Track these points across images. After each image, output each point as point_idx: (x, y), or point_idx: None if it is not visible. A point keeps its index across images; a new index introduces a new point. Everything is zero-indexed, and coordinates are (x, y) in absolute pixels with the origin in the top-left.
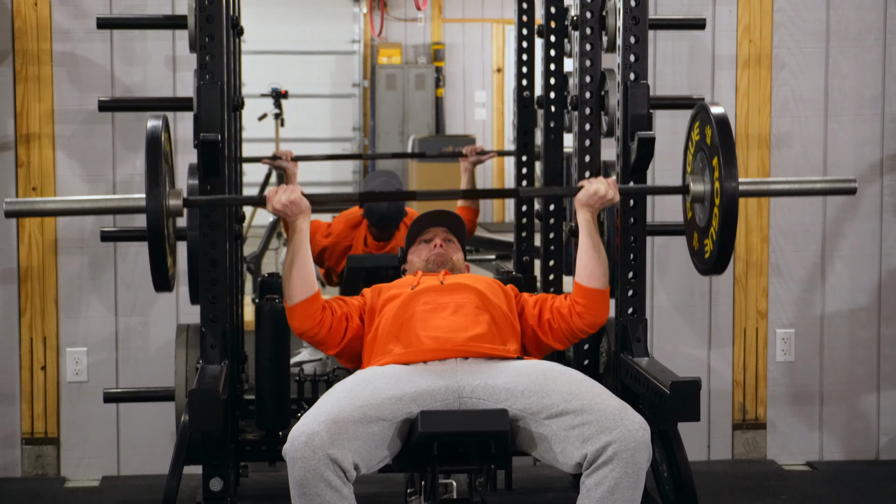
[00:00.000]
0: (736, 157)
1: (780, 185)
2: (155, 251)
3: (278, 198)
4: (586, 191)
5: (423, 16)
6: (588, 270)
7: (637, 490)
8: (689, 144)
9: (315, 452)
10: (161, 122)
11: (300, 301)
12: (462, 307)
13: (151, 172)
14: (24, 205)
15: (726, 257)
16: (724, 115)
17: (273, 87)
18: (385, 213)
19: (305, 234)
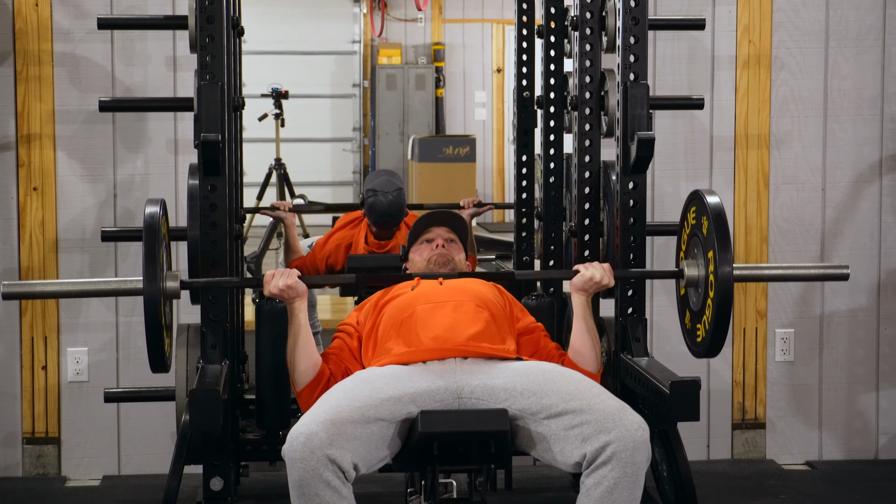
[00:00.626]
0: (731, 247)
1: (773, 272)
2: (152, 335)
3: (275, 282)
4: (581, 276)
5: (423, 16)
6: (581, 356)
7: (636, 490)
8: (685, 226)
9: (314, 453)
10: (160, 208)
11: (307, 384)
12: (462, 305)
13: (149, 257)
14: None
15: (720, 343)
16: (720, 205)
17: (273, 87)
18: (386, 211)
19: (303, 318)
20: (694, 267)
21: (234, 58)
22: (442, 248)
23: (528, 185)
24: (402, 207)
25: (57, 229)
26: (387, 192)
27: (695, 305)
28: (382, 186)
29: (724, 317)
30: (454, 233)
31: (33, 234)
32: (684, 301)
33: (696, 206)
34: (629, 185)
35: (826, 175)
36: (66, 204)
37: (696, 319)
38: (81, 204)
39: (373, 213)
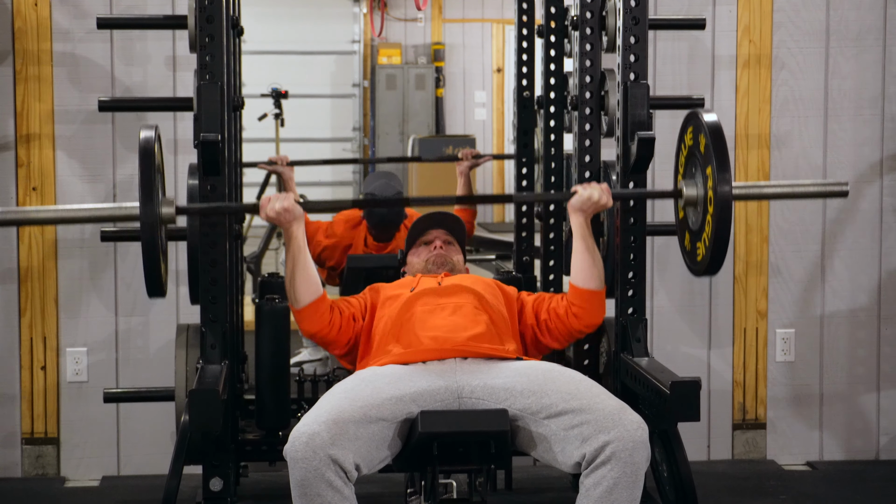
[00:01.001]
0: (730, 163)
1: (772, 189)
2: (149, 258)
3: (271, 206)
4: (579, 196)
5: (423, 16)
6: (584, 273)
7: (636, 490)
8: (682, 147)
9: (316, 453)
10: (153, 132)
11: (307, 304)
12: (461, 307)
13: (145, 183)
14: (17, 213)
15: (719, 261)
16: (717, 123)
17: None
18: (385, 215)
19: (302, 240)
20: (692, 186)
21: (233, 57)
22: (440, 251)
23: (528, 185)
24: (401, 211)
25: (56, 229)
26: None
27: (694, 225)
28: (381, 190)
29: (724, 233)
30: (452, 235)
31: (32, 234)
32: (683, 223)
33: (693, 126)
34: (629, 185)
35: (826, 175)
36: (66, 204)
37: (695, 239)
38: (81, 204)
39: (372, 217)
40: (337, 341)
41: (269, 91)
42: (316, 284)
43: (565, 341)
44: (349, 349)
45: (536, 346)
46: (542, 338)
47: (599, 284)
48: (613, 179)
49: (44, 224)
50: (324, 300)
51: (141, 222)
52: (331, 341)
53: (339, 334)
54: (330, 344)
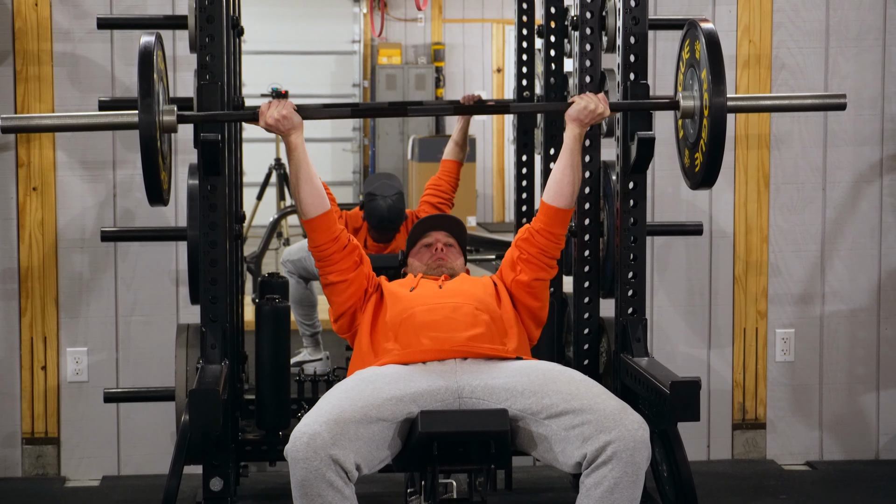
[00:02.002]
0: (724, 72)
1: (769, 101)
2: (148, 164)
3: (270, 113)
4: (576, 105)
5: (423, 16)
6: (559, 188)
7: (636, 490)
8: (680, 63)
9: (317, 453)
10: (154, 38)
11: (315, 216)
12: (460, 307)
13: (144, 86)
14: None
15: (715, 170)
16: (713, 31)
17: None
18: (385, 216)
19: (302, 149)
20: (689, 98)
21: (233, 58)
22: (441, 253)
23: (527, 185)
24: (402, 211)
25: (56, 229)
26: (386, 197)
27: (691, 137)
28: (381, 190)
29: (719, 139)
30: (453, 237)
31: (33, 234)
32: (683, 141)
33: (689, 38)
34: (629, 185)
35: (826, 175)
36: (66, 204)
37: (693, 151)
38: (81, 204)
39: (372, 218)
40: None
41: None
42: (322, 198)
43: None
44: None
45: (532, 293)
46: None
47: (570, 203)
48: (613, 179)
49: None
50: (331, 214)
51: (139, 126)
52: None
53: (343, 253)
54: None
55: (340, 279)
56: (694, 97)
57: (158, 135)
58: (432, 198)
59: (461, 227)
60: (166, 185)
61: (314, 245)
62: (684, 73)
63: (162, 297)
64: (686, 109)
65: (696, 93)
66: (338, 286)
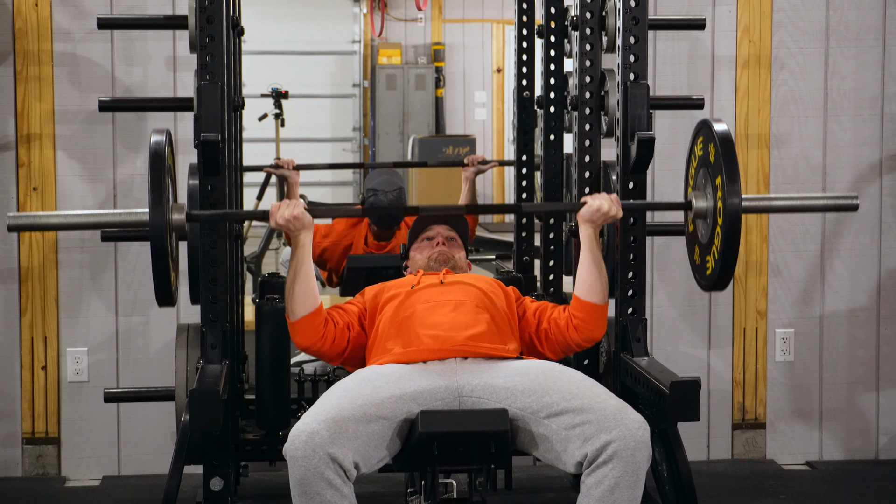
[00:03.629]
0: (739, 175)
1: (782, 202)
2: (158, 267)
3: (281, 213)
4: (589, 207)
5: (423, 16)
6: (588, 285)
7: (637, 489)
8: (692, 158)
9: (315, 451)
10: (164, 136)
11: (303, 316)
12: (462, 305)
13: (155, 188)
14: (26, 219)
15: (729, 274)
16: (727, 132)
17: (273, 88)
18: (386, 211)
19: (308, 249)
20: (702, 198)
21: (234, 58)
22: (442, 247)
23: (528, 185)
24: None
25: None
26: (387, 192)
27: (703, 238)
28: (383, 186)
29: (733, 244)
30: (454, 231)
31: (33, 234)
32: (693, 237)
33: (703, 136)
34: (629, 185)
35: (826, 175)
36: (66, 204)
37: (705, 252)
38: (81, 204)
39: (372, 214)
40: (331, 353)
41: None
42: (314, 297)
43: (562, 353)
44: (345, 358)
45: (532, 353)
46: (540, 346)
47: (603, 298)
48: (613, 179)
49: (53, 230)
50: (319, 313)
51: (150, 229)
52: (324, 354)
53: (333, 346)
54: (324, 356)
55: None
56: (707, 198)
57: (169, 235)
58: None
59: (463, 221)
60: (175, 285)
61: (302, 347)
62: (696, 168)
63: None
64: (699, 211)
65: (709, 194)
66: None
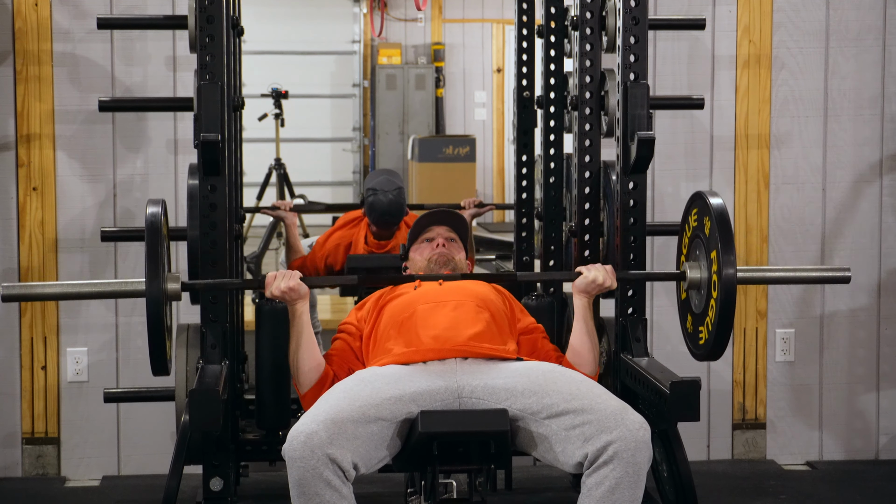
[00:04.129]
0: (734, 248)
1: (775, 274)
2: (154, 338)
3: (277, 284)
4: (584, 278)
5: (423, 16)
6: (580, 356)
7: (637, 490)
8: (686, 229)
9: (314, 452)
10: (160, 208)
11: (311, 387)
12: (462, 305)
13: (151, 259)
14: (22, 289)
15: (723, 345)
16: (723, 207)
17: (273, 87)
18: (386, 211)
19: (306, 317)
20: (696, 269)
21: (233, 58)
22: (442, 248)
23: (528, 185)
24: (403, 207)
25: (56, 229)
26: (387, 192)
27: (697, 308)
28: (382, 185)
29: (727, 318)
30: (454, 232)
31: (33, 234)
32: (686, 304)
33: (697, 208)
34: (629, 185)
35: (826, 175)
36: (66, 204)
37: (698, 322)
38: (81, 204)
39: (373, 213)
40: None
41: (269, 91)
42: (319, 363)
43: None
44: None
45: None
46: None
47: (593, 370)
48: (613, 179)
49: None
50: (326, 376)
51: (147, 303)
52: None
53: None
54: None
55: None
56: (700, 269)
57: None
58: None
59: (463, 222)
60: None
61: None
62: (690, 239)
63: None
64: (692, 281)
65: (703, 265)
66: None
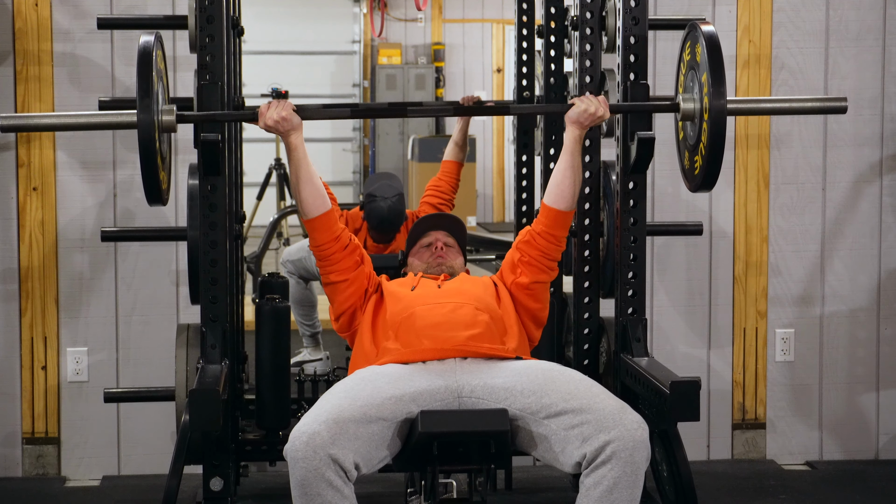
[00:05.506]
0: (724, 75)
1: (768, 105)
2: (147, 164)
3: (270, 113)
4: (577, 108)
5: (423, 16)
6: (559, 190)
7: (636, 489)
8: (681, 65)
9: (316, 452)
10: (153, 37)
11: (317, 216)
12: (460, 307)
13: (143, 86)
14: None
15: (715, 173)
16: (714, 33)
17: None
18: (385, 217)
19: (302, 150)
20: (690, 100)
21: (234, 58)
22: (440, 253)
23: (528, 185)
24: (402, 212)
25: (57, 229)
26: (386, 198)
27: (691, 140)
28: (382, 191)
29: (718, 140)
30: (452, 237)
31: (33, 234)
32: (683, 142)
33: (690, 40)
34: (629, 185)
35: (826, 175)
36: (66, 204)
37: (693, 153)
38: (81, 204)
39: (372, 219)
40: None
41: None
42: (322, 197)
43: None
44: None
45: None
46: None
47: (571, 205)
48: (613, 179)
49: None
50: (332, 213)
51: (138, 125)
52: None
53: (345, 253)
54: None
55: (341, 278)
56: (694, 99)
57: (157, 135)
58: (432, 198)
59: (461, 226)
60: (165, 185)
61: (315, 244)
62: (685, 74)
63: (162, 297)
64: (686, 112)
65: (696, 95)
66: (339, 285)
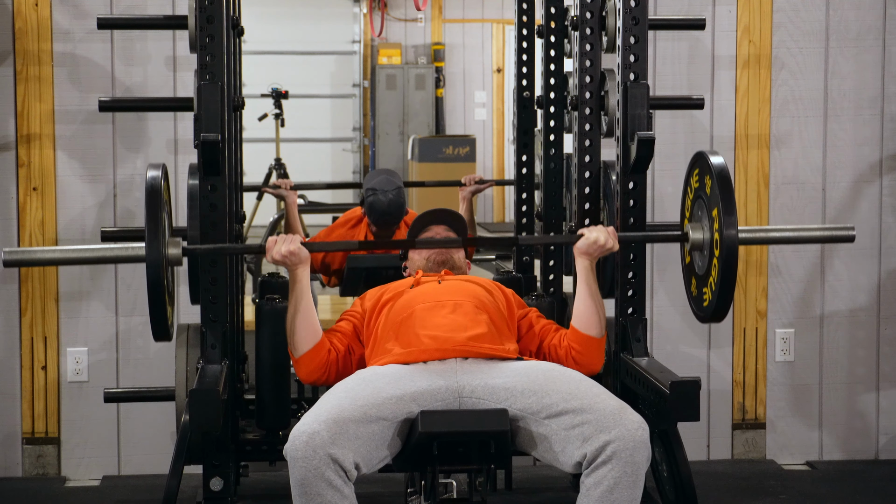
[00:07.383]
0: (736, 207)
1: (778, 234)
2: (155, 302)
3: (277, 248)
4: (586, 239)
5: (423, 16)
6: (585, 318)
7: (636, 489)
8: (688, 190)
9: (316, 452)
10: (160, 171)
11: (306, 352)
12: (461, 306)
13: (151, 224)
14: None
15: (726, 306)
16: (724, 165)
17: (273, 87)
18: (386, 211)
19: (306, 283)
20: (699, 230)
21: (234, 58)
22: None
23: (527, 185)
24: (402, 206)
25: (57, 229)
26: (386, 192)
27: (700, 269)
28: (382, 185)
29: (730, 277)
30: (453, 231)
31: (33, 234)
32: (689, 268)
33: (699, 168)
34: (629, 185)
35: (826, 175)
36: (66, 204)
37: (701, 283)
38: (81, 204)
39: (373, 213)
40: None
41: (269, 91)
42: (316, 330)
43: None
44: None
45: None
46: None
47: (600, 332)
48: (613, 179)
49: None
50: (322, 346)
51: (147, 264)
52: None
53: (338, 377)
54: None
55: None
56: (703, 229)
57: (165, 269)
58: None
59: (462, 221)
60: (171, 320)
61: (306, 382)
62: (692, 200)
63: None
64: (695, 242)
65: (705, 226)
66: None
